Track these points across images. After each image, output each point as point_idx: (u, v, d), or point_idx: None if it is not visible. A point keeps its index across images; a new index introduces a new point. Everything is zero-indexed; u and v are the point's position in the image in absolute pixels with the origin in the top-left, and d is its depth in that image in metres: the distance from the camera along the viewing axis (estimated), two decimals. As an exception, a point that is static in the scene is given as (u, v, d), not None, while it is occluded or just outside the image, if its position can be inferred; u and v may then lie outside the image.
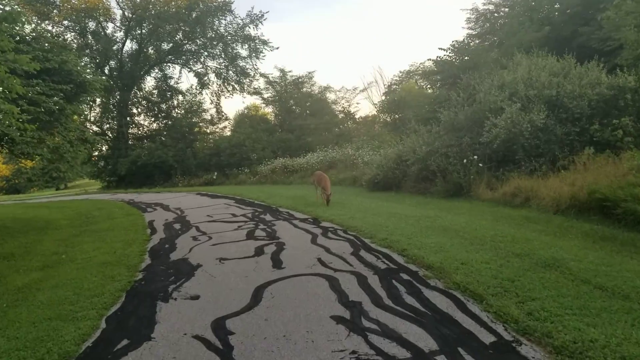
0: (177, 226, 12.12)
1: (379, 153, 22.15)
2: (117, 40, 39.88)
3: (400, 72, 47.92)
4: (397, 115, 42.84)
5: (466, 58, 21.82)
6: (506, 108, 13.96)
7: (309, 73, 39.23)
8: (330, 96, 40.28)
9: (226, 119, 42.71)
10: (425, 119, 19.85)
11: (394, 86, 48.90)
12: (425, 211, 11.35)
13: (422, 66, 49.02)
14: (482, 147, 14.08)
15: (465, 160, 13.60)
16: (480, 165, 13.45)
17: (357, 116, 40.54)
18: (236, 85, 41.15)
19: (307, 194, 17.09)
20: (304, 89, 39.55)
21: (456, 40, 32.89)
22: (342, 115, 39.85)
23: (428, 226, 9.07)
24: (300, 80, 39.34)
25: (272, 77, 39.79)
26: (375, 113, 43.71)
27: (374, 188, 17.69)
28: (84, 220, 15.28)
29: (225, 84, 41.26)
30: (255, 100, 44.75)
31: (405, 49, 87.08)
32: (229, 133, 41.33)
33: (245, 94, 40.94)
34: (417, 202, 13.48)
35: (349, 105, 40.86)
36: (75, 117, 17.09)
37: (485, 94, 14.91)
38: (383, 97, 46.92)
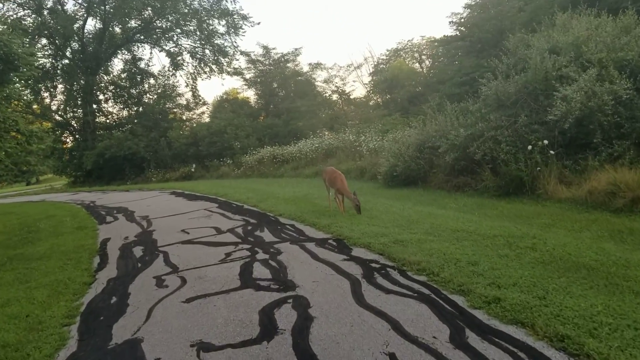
0: (138, 251, 8.53)
1: (386, 139, 18.65)
2: (78, 17, 35.49)
3: (388, 50, 44.79)
4: (388, 96, 39.45)
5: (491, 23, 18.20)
6: (575, 76, 10.54)
7: (296, 50, 35.40)
8: (322, 74, 36.54)
9: (204, 103, 38.78)
10: (449, 95, 16.26)
11: (382, 65, 45.74)
12: (493, 222, 7.88)
13: (410, 43, 46.14)
14: (545, 128, 10.63)
15: (530, 147, 10.09)
16: (552, 152, 9.97)
17: (352, 96, 36.73)
18: (214, 66, 37.17)
19: (309, 193, 13.50)
20: (290, 67, 35.65)
21: (454, 13, 29.46)
22: (335, 95, 36.05)
23: (541, 260, 5.54)
24: (286, 58, 35.46)
25: (255, 55, 35.90)
26: (367, 94, 40.29)
27: (392, 183, 14.15)
28: (22, 237, 11.64)
29: (202, 65, 37.24)
30: (235, 84, 40.91)
31: (391, 27, 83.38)
32: (207, 119, 37.47)
33: (224, 75, 36.95)
34: (466, 205, 9.99)
35: (344, 84, 37.13)
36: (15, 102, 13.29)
37: (542, 58, 11.39)
38: (370, 78, 43.63)
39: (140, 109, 37.78)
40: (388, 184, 14.27)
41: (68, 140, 38.84)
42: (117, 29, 37.31)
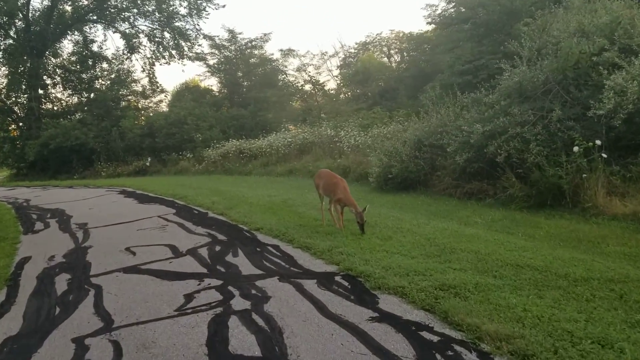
0: (62, 283, 6.05)
1: (370, 134, 16.52)
2: (22, -8, 31.92)
3: (357, 43, 43.23)
4: (358, 90, 37.48)
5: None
6: (621, 62, 8.58)
7: (265, 35, 32.75)
8: (294, 62, 34.17)
9: (162, 91, 35.55)
10: (447, 85, 14.13)
11: (350, 59, 44.44)
12: (556, 250, 5.77)
13: (378, 37, 44.76)
14: (583, 124, 8.63)
15: (577, 148, 8.01)
16: (604, 155, 7.94)
17: (327, 87, 34.37)
18: (173, 51, 34.13)
19: (290, 199, 11.16)
20: (257, 53, 33.04)
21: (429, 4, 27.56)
22: (309, 85, 33.57)
23: None
24: (253, 43, 32.81)
25: (220, 40, 33.06)
26: (338, 87, 38.21)
27: (386, 186, 11.94)
28: None
29: (160, 49, 34.15)
30: (197, 70, 38.25)
31: (360, 20, 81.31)
32: (165, 109, 34.50)
33: (185, 60, 33.94)
34: (494, 221, 7.89)
35: (318, 74, 34.79)
36: None
37: (577, 41, 9.38)
38: (338, 71, 42.00)
39: (92, 95, 34.43)
40: (382, 188, 12.05)
41: (10, 128, 35.18)
42: (67, 7, 33.85)
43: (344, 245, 6.39)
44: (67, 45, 47.22)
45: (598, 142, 7.92)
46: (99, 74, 35.55)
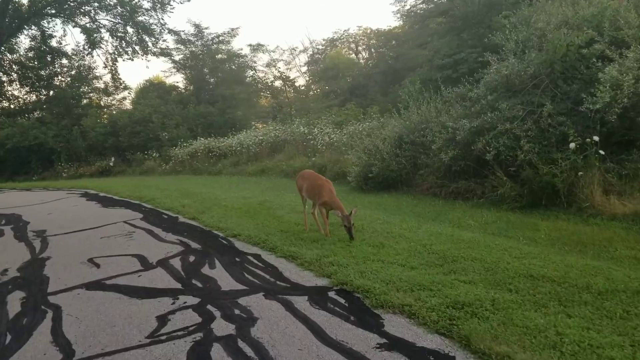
0: (15, 303, 5.30)
1: (345, 132, 15.99)
2: (-27, -17, 30.19)
3: (324, 40, 42.98)
4: (327, 87, 37.00)
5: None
6: (612, 54, 8.24)
7: (232, 30, 31.81)
8: (264, 57, 33.40)
9: (125, 87, 34.24)
10: (425, 79, 13.65)
11: (317, 55, 44.17)
12: (565, 257, 5.33)
13: (346, 33, 44.56)
14: (574, 120, 8.26)
15: (573, 144, 7.59)
16: (602, 152, 7.55)
17: (298, 84, 33.63)
18: (137, 47, 32.85)
19: (266, 201, 10.51)
20: (223, 48, 32.10)
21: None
22: (279, 82, 32.75)
23: None
24: (220, 38, 31.85)
25: (185, 35, 32.00)
26: (307, 83, 37.64)
27: (366, 186, 11.40)
28: None
29: (123, 45, 32.83)
30: (162, 66, 36.95)
31: (327, 16, 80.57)
32: (129, 106, 33.26)
33: (149, 56, 32.71)
34: (488, 223, 7.43)
35: (289, 69, 34.10)
36: None
37: (566, 33, 9.00)
38: (305, 68, 41.64)
39: (51, 92, 32.93)
40: (361, 188, 11.50)
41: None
42: (24, 0, 32.22)
43: (334, 254, 5.80)
44: (23, 41, 45.31)
45: (596, 138, 7.52)
46: (59, 70, 34.03)
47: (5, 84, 33.48)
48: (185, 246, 7.15)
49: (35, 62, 33.77)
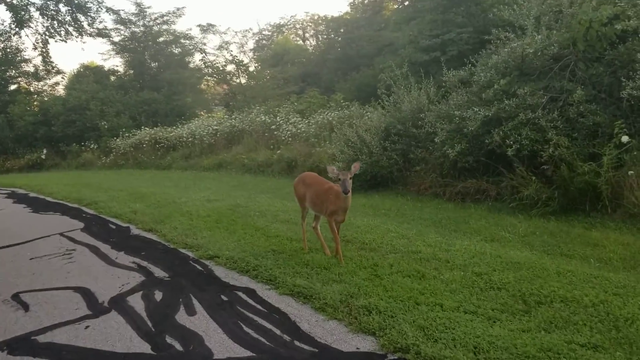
0: None
1: (313, 121, 14.43)
2: None
3: (271, 25, 41.72)
4: (279, 75, 35.40)
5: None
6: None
7: (178, 10, 29.32)
8: (215, 40, 31.27)
9: (58, 72, 31.04)
10: (412, 63, 12.18)
11: (264, 41, 42.96)
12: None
13: (293, 19, 43.45)
14: (608, 108, 7.04)
15: (625, 138, 6.31)
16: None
17: (251, 69, 31.53)
18: (71, 28, 29.76)
19: (239, 205, 8.72)
20: (166, 29, 29.74)
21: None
22: (232, 66, 30.55)
23: None
24: (165, 19, 29.36)
25: (125, 14, 29.26)
26: (256, 69, 35.80)
27: (353, 185, 9.81)
28: None
29: (55, 24, 29.65)
30: (100, 48, 34.01)
31: (273, 2, 77.91)
32: (63, 92, 30.31)
33: (84, 37, 29.68)
34: (527, 235, 6.05)
35: (243, 52, 32.12)
36: None
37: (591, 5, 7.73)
38: (252, 54, 40.10)
39: (-28, 77, 29.56)
40: (345, 186, 9.94)
41: None
42: (-64, -29, 28.54)
43: (362, 290, 4.21)
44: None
45: (650, 130, 6.28)
46: (-20, 52, 30.56)
47: None
48: (146, 274, 5.37)
49: (-47, 43, 30.15)
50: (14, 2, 28.56)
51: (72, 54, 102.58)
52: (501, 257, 5.00)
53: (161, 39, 30.54)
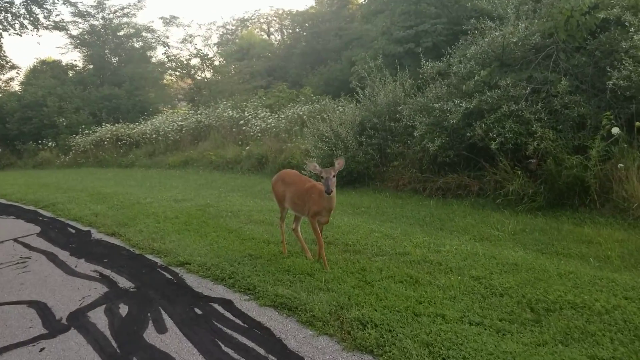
0: None
1: (281, 117, 13.99)
2: None
3: (235, 19, 41.25)
4: (246, 69, 34.83)
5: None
6: (632, 19, 6.88)
7: (139, 2, 28.33)
8: (178, 33, 30.42)
9: (12, 67, 29.69)
10: (390, 55, 11.83)
11: (228, 35, 42.48)
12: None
13: (257, 13, 43.11)
14: (593, 100, 6.84)
15: (616, 130, 6.07)
16: (648, 139, 6.12)
17: (216, 63, 30.69)
18: (25, 21, 28.40)
19: (209, 204, 8.22)
20: (126, 21, 28.77)
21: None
22: (197, 60, 29.60)
23: None
24: (125, 11, 28.38)
25: (84, 6, 28.13)
26: (220, 63, 35.11)
27: (328, 182, 9.45)
28: None
29: (9, 17, 28.26)
30: (57, 42, 32.82)
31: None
32: (18, 88, 29.00)
33: (40, 31, 28.41)
34: (517, 234, 5.76)
35: (208, 46, 31.39)
36: None
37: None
38: (216, 49, 39.45)
39: None
40: (319, 183, 9.55)
41: None
42: None
43: (353, 300, 3.81)
44: None
45: (638, 123, 6.06)
46: None
47: None
48: (110, 284, 4.86)
49: None
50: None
51: (28, 48, 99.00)
52: (496, 258, 4.68)
53: (122, 32, 29.54)
